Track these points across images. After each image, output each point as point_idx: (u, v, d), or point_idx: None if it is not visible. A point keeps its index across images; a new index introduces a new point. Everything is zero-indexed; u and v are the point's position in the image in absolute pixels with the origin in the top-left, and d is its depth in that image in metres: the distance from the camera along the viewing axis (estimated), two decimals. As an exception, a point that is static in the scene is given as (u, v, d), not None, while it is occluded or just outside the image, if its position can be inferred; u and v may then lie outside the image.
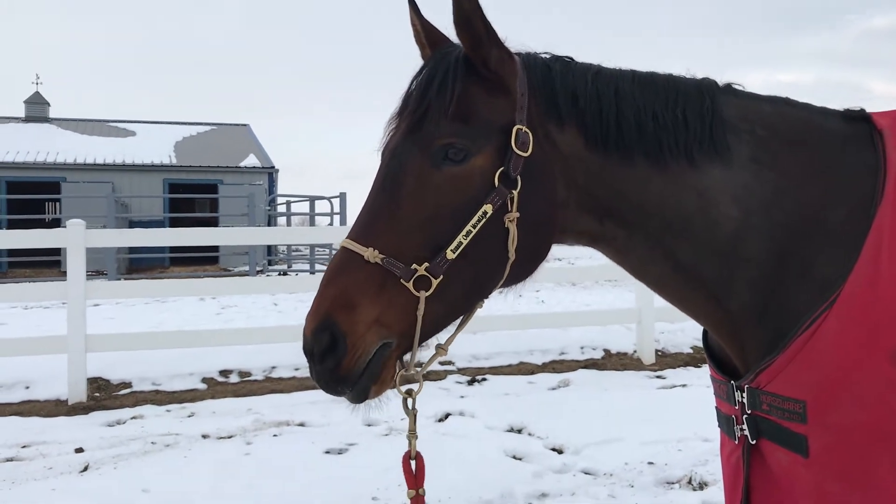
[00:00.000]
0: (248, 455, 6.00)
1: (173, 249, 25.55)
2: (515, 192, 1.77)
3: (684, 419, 6.47)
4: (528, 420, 6.75)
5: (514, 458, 5.89)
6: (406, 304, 1.71)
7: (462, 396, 7.95)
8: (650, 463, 5.70)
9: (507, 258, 1.79)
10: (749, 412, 1.91)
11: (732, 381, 2.00)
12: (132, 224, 27.21)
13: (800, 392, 1.77)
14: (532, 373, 8.99)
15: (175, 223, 28.47)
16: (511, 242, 1.77)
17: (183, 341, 8.41)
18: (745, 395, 1.94)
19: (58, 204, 28.09)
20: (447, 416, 7.09)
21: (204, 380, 8.45)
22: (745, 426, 1.95)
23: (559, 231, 1.90)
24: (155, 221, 27.81)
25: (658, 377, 8.86)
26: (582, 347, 9.83)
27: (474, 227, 1.73)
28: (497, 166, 1.77)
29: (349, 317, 1.69)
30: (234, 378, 8.57)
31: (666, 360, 9.57)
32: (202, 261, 27.10)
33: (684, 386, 8.31)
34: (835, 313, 1.72)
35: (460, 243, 1.72)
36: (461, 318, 1.89)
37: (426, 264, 1.71)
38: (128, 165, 29.65)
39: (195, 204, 33.47)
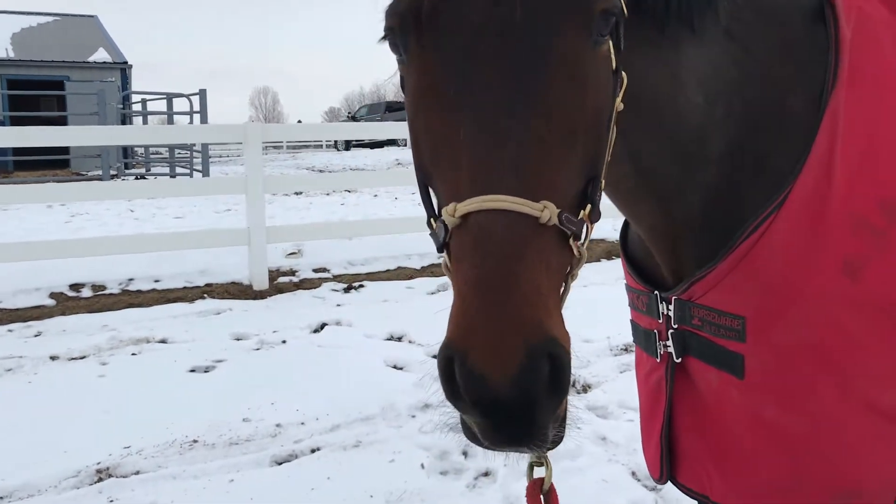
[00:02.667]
0: (103, 377, 5.49)
1: (17, 152, 23.64)
2: (622, 73, 1.36)
3: (568, 319, 6.28)
4: (407, 327, 6.54)
5: (395, 367, 5.67)
6: (564, 267, 1.19)
7: (338, 305, 7.64)
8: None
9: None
10: (675, 327, 1.72)
11: (657, 292, 1.74)
12: (-35, 124, 24.81)
13: (739, 306, 1.56)
14: (410, 277, 8.75)
15: (17, 123, 26.19)
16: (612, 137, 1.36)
17: (26, 253, 7.61)
18: (672, 307, 1.70)
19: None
20: (323, 326, 6.82)
21: (52, 295, 7.72)
22: (669, 342, 1.74)
23: None
24: (-8, 122, 25.42)
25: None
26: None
27: (609, 138, 1.30)
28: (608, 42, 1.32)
29: (562, 325, 1.13)
30: (86, 292, 7.88)
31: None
32: (51, 164, 25.13)
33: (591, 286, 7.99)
34: (783, 215, 1.50)
35: (604, 164, 1.29)
36: None
37: (589, 207, 1.23)
38: (-45, 60, 26.81)
39: (40, 102, 30.98)
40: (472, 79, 1.15)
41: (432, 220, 1.27)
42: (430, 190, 1.31)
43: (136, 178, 21.26)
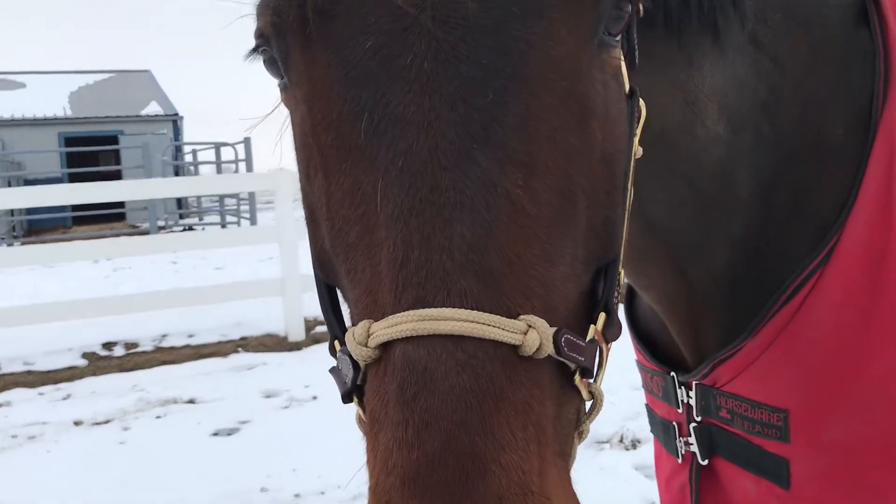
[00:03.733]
0: (123, 444, 5.26)
1: (76, 208, 24.11)
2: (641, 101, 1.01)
3: (612, 359, 5.83)
4: None
5: None
6: (566, 431, 0.80)
7: None
8: None
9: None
10: (699, 419, 1.32)
11: (673, 374, 1.37)
12: (27, 182, 25.50)
13: (779, 396, 1.21)
14: None
15: (75, 179, 26.86)
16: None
17: (58, 314, 7.51)
18: (693, 394, 1.32)
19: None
20: None
21: (85, 355, 7.61)
22: (692, 439, 1.34)
23: None
24: (52, 178, 26.12)
25: None
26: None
27: (628, 187, 0.92)
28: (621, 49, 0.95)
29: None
30: (118, 351, 7.75)
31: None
32: (108, 218, 25.60)
33: None
34: (830, 273, 1.14)
35: (624, 239, 0.92)
36: None
37: (602, 316, 0.83)
38: (17, 120, 27.85)
39: (98, 157, 31.77)
40: (398, 111, 0.76)
41: (336, 344, 0.86)
42: (340, 294, 0.92)
43: (185, 230, 21.48)
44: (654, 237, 1.28)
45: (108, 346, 7.84)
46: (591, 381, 0.81)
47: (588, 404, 0.82)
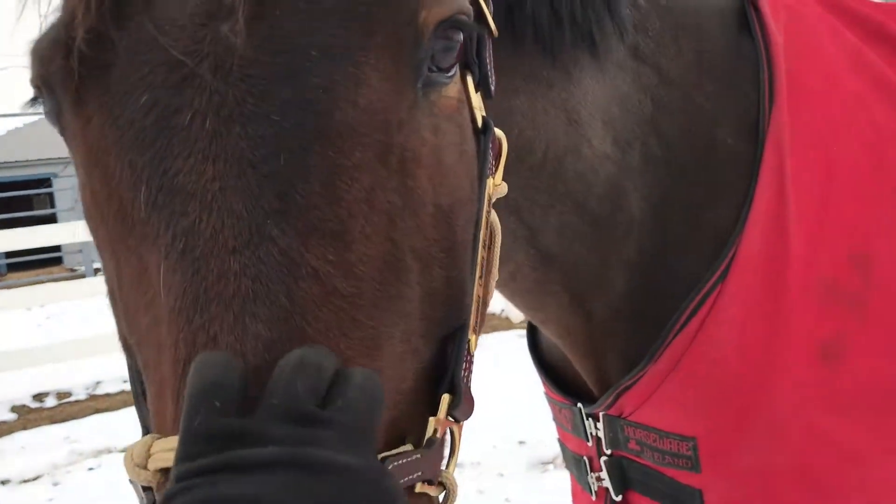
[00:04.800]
0: (51, 501, 4.99)
1: (9, 255, 23.41)
2: (500, 131, 0.90)
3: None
4: None
5: None
6: None
7: None
8: (521, 442, 5.10)
9: (491, 282, 0.89)
10: (609, 453, 1.24)
11: (580, 406, 1.29)
12: (-45, 231, 24.70)
13: (686, 423, 1.16)
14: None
15: (9, 224, 26.09)
16: (496, 250, 0.88)
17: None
18: (601, 426, 1.25)
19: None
20: None
21: (14, 408, 7.27)
22: (604, 473, 1.27)
23: None
24: (-18, 225, 25.31)
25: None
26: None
27: (484, 240, 0.82)
28: (464, 75, 0.84)
29: None
30: (50, 401, 7.43)
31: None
32: (44, 263, 24.86)
33: None
34: (728, 290, 1.10)
35: (477, 299, 0.80)
36: None
37: (445, 398, 0.74)
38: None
39: (33, 201, 31.01)
40: (178, 181, 0.65)
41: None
42: None
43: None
44: (549, 268, 1.21)
45: (39, 397, 7.52)
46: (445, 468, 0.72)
47: (441, 495, 0.72)
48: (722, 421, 1.14)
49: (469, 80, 0.82)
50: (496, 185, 0.86)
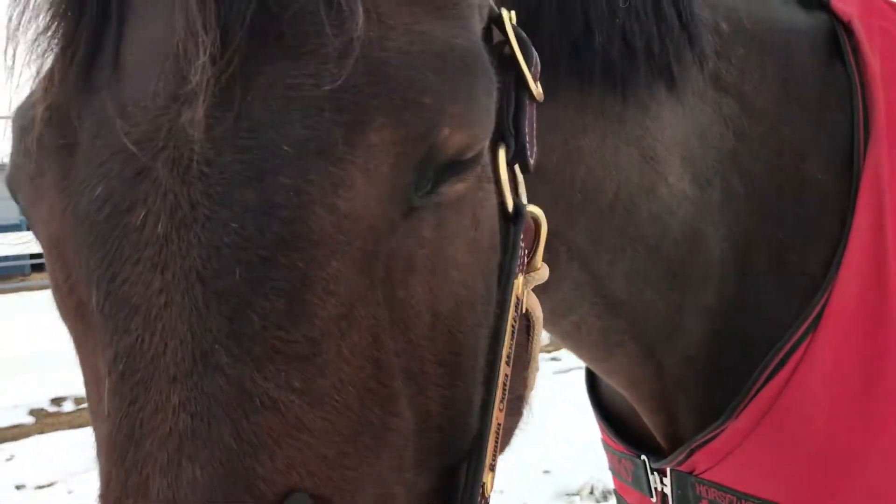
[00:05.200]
0: (64, 511, 4.93)
1: (33, 256, 23.63)
2: (537, 209, 0.79)
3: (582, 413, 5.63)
4: None
5: None
6: None
7: None
8: (546, 472, 4.93)
9: (531, 383, 0.82)
10: None
11: (645, 458, 1.19)
12: (-17, 230, 25.07)
13: (768, 486, 1.08)
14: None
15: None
16: (538, 343, 0.81)
17: (5, 371, 7.16)
18: (668, 482, 1.14)
19: None
20: None
21: (32, 412, 7.23)
22: None
23: None
24: (10, 225, 25.63)
25: (553, 359, 7.88)
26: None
27: (509, 354, 0.70)
28: (491, 147, 0.73)
29: None
30: (68, 406, 7.39)
31: (561, 340, 8.65)
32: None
33: (581, 368, 7.55)
34: (822, 340, 0.99)
35: (498, 428, 0.69)
36: None
37: None
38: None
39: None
40: (124, 290, 0.58)
41: None
42: None
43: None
44: (616, 317, 1.12)
45: (57, 401, 7.49)
46: None
47: None
48: (808, 485, 1.03)
49: (502, 154, 0.72)
50: (535, 271, 0.76)
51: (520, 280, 0.71)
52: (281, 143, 0.57)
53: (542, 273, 0.77)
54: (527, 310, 0.75)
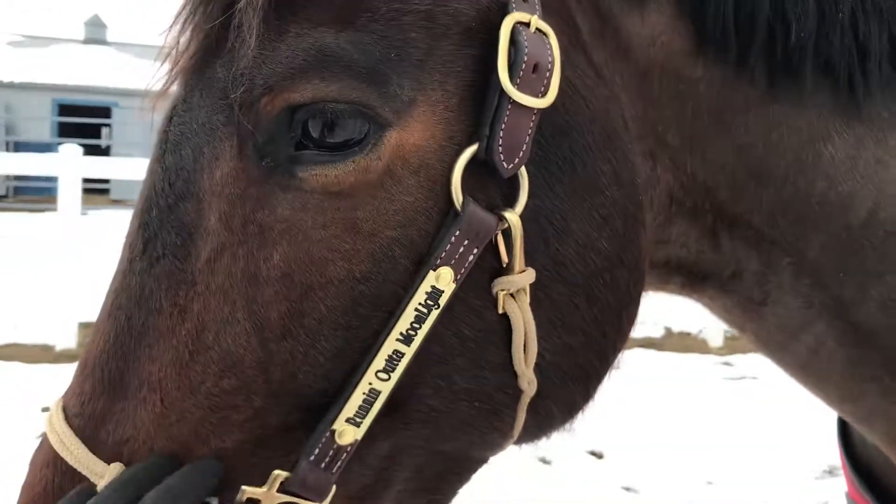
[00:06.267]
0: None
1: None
2: (514, 215, 0.80)
3: (770, 431, 5.18)
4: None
5: (543, 461, 4.74)
6: None
7: None
8: (709, 483, 4.55)
9: (516, 392, 0.85)
10: None
11: None
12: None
13: None
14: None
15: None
16: (521, 350, 0.82)
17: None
18: None
19: (108, 129, 26.83)
20: None
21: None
22: None
23: (643, 279, 0.93)
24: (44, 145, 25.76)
25: (725, 364, 7.56)
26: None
27: (408, 336, 0.77)
28: (454, 146, 0.79)
29: None
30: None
31: (736, 343, 7.99)
32: (91, 192, 24.84)
33: (755, 378, 6.92)
34: None
35: (373, 392, 0.77)
36: None
37: (279, 475, 0.77)
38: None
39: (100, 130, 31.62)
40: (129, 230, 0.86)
41: None
42: None
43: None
44: (867, 348, 1.00)
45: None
46: None
47: None
48: None
49: (468, 151, 0.78)
50: (510, 274, 0.80)
51: (444, 272, 0.76)
52: (192, 122, 0.81)
53: (519, 278, 0.79)
54: (504, 312, 0.80)
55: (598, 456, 4.86)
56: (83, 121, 24.67)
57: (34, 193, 21.71)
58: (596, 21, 0.86)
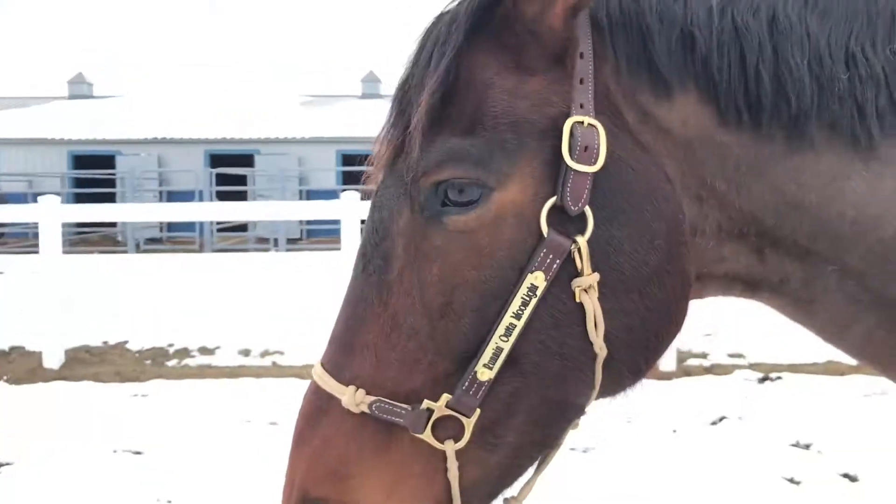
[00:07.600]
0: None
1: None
2: (583, 239, 1.11)
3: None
4: (819, 435, 5.52)
5: (791, 481, 4.77)
6: (430, 466, 1.15)
7: (746, 397, 6.64)
8: (853, 479, 4.57)
9: (592, 354, 1.14)
10: None
11: None
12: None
13: None
14: (842, 374, 7.16)
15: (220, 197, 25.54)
16: (593, 326, 1.12)
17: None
18: None
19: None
20: (722, 419, 6.03)
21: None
22: None
23: (689, 283, 1.20)
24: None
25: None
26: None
27: (518, 314, 1.10)
28: (540, 198, 1.12)
29: (340, 491, 1.16)
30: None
31: None
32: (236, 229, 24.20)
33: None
34: None
35: (498, 349, 1.11)
36: (538, 459, 1.24)
37: (446, 396, 1.13)
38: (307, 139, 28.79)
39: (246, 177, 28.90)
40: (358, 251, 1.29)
41: None
42: None
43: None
44: None
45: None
46: (451, 437, 1.14)
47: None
48: None
49: (549, 202, 1.11)
50: (583, 276, 1.11)
51: (537, 275, 1.10)
52: (393, 196, 1.20)
53: (588, 279, 1.11)
54: (580, 301, 1.12)
55: (853, 479, 4.74)
56: (363, 168, 25.22)
57: (323, 235, 22.68)
58: (639, 114, 1.15)
